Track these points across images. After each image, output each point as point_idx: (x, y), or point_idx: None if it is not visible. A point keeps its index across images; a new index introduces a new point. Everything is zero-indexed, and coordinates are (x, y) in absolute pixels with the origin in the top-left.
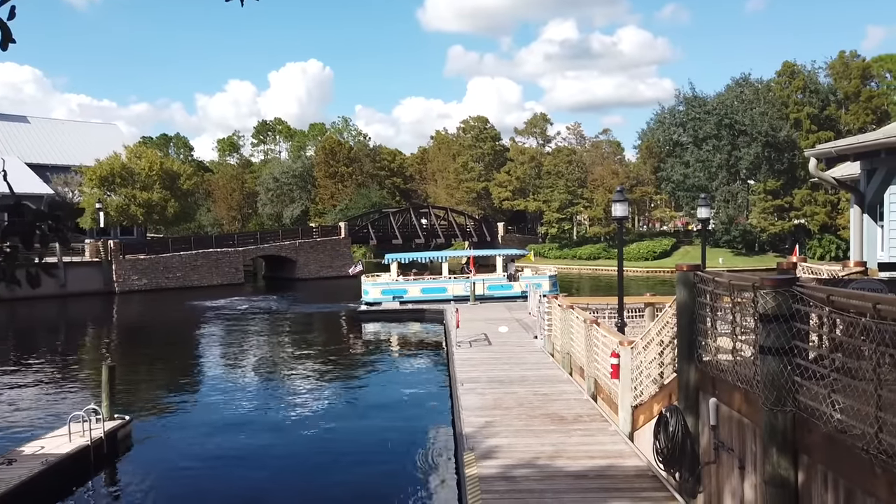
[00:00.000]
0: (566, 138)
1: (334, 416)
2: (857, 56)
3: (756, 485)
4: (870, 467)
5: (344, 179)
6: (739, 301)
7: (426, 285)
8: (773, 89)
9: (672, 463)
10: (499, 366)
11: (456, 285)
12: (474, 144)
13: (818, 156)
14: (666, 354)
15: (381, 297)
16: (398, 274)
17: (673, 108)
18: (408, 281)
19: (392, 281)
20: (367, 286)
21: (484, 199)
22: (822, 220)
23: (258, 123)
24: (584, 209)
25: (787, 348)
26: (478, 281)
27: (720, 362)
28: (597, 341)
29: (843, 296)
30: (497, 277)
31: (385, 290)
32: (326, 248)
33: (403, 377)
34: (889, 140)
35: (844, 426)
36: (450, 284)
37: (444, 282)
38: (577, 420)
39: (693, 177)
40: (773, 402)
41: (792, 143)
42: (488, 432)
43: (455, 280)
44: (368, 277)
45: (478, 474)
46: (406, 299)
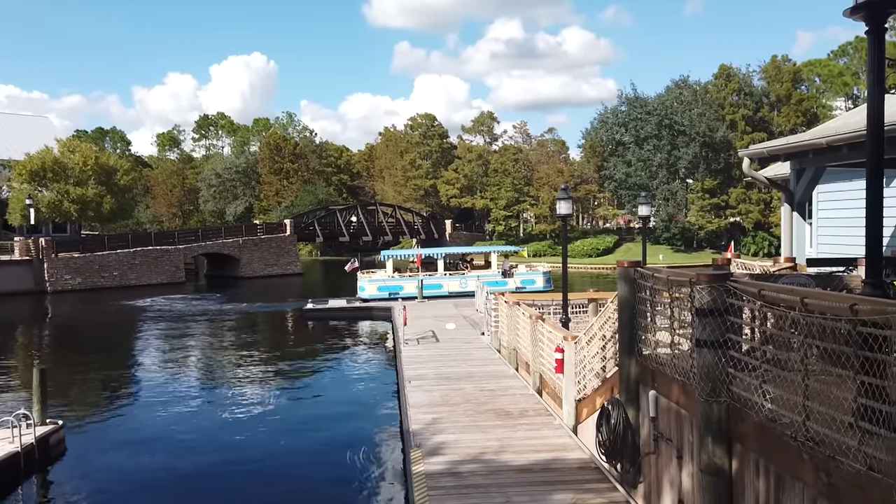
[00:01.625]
0: (513, 137)
1: (278, 416)
2: (789, 60)
3: (693, 473)
4: (798, 453)
5: (289, 176)
6: (677, 296)
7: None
8: (711, 91)
9: (614, 455)
10: (446, 362)
11: (451, 281)
12: (422, 142)
13: (751, 156)
14: (608, 349)
15: (377, 294)
16: (394, 270)
17: (615, 108)
18: (403, 277)
19: (388, 277)
20: (364, 283)
21: (432, 196)
22: (756, 218)
23: (200, 118)
24: (530, 207)
25: (721, 341)
26: (472, 277)
27: (659, 356)
28: (542, 337)
29: (773, 290)
30: (492, 274)
31: (381, 286)
32: (271, 246)
33: (350, 376)
34: (816, 141)
35: (775, 415)
36: (445, 281)
37: (439, 278)
38: (523, 415)
39: (635, 176)
40: (709, 394)
41: (728, 143)
42: (435, 429)
43: (451, 276)
44: (364, 274)
45: (424, 471)
46: (402, 295)
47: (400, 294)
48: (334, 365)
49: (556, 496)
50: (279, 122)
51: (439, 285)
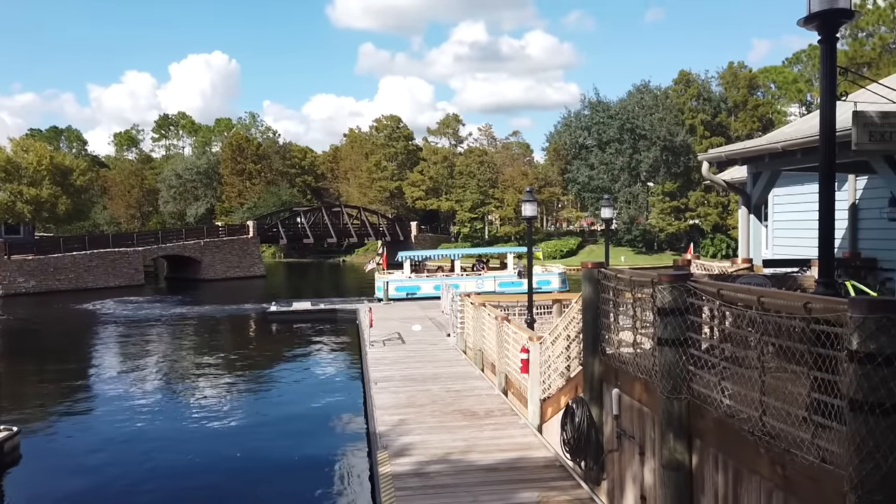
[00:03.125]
0: (478, 139)
1: (240, 420)
2: (745, 67)
3: (655, 469)
4: (755, 448)
5: (252, 177)
6: (639, 296)
7: (438, 282)
8: (671, 96)
9: (578, 452)
10: (412, 364)
11: (468, 282)
12: (387, 143)
13: (710, 160)
14: (572, 348)
15: (395, 294)
16: (411, 271)
17: (579, 112)
18: (420, 277)
19: (405, 277)
20: (381, 283)
21: (397, 198)
22: (715, 221)
23: (159, 117)
24: (495, 209)
25: (682, 339)
26: (489, 278)
27: (622, 354)
28: (507, 337)
29: (731, 290)
30: (508, 274)
31: (399, 286)
32: (234, 248)
33: (315, 379)
34: (772, 146)
35: (733, 411)
36: (462, 281)
37: (456, 278)
38: (489, 415)
39: (597, 178)
40: (670, 391)
41: (687, 147)
42: (402, 430)
43: (467, 277)
44: (382, 274)
45: (391, 472)
46: (419, 296)
47: (417, 294)
48: (298, 368)
49: (521, 494)
50: (242, 122)
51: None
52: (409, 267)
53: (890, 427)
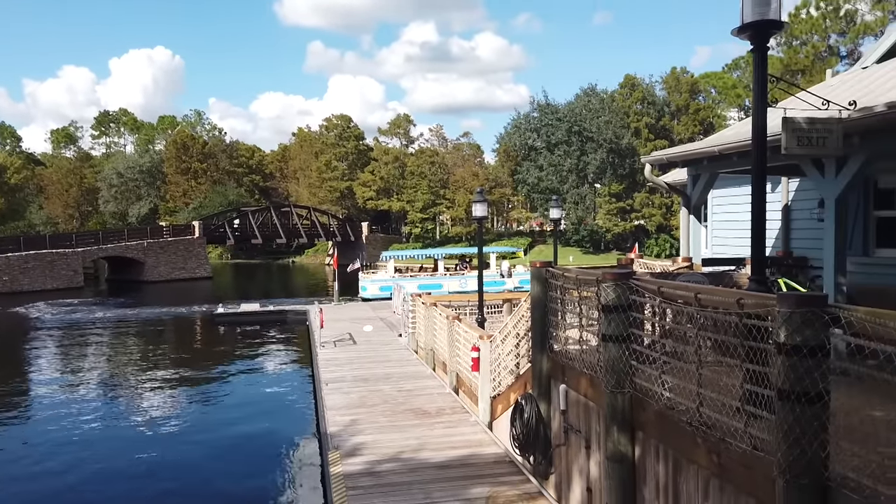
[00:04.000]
0: (429, 140)
1: (187, 426)
2: (687, 72)
3: (600, 462)
4: (692, 438)
5: (198, 176)
6: (585, 294)
7: (422, 281)
8: (617, 100)
9: (527, 447)
10: (364, 364)
11: (451, 281)
12: (338, 143)
13: (653, 162)
14: (522, 346)
15: (379, 293)
16: (395, 270)
17: (528, 114)
18: (404, 277)
19: (389, 277)
20: (366, 282)
21: (348, 198)
22: (659, 221)
23: (99, 114)
24: (446, 209)
25: (625, 336)
26: (472, 277)
27: (569, 351)
28: (458, 336)
29: (670, 287)
30: (492, 274)
31: (382, 286)
32: (179, 249)
33: (264, 381)
34: (709, 149)
35: (672, 403)
36: (445, 280)
37: (439, 278)
38: (440, 413)
39: (546, 180)
40: (614, 385)
41: (633, 149)
42: (353, 430)
43: (451, 276)
44: (366, 274)
45: (343, 472)
46: None
47: None
48: (247, 370)
49: (472, 490)
50: (187, 119)
51: (439, 285)
52: (393, 267)
53: (814, 415)
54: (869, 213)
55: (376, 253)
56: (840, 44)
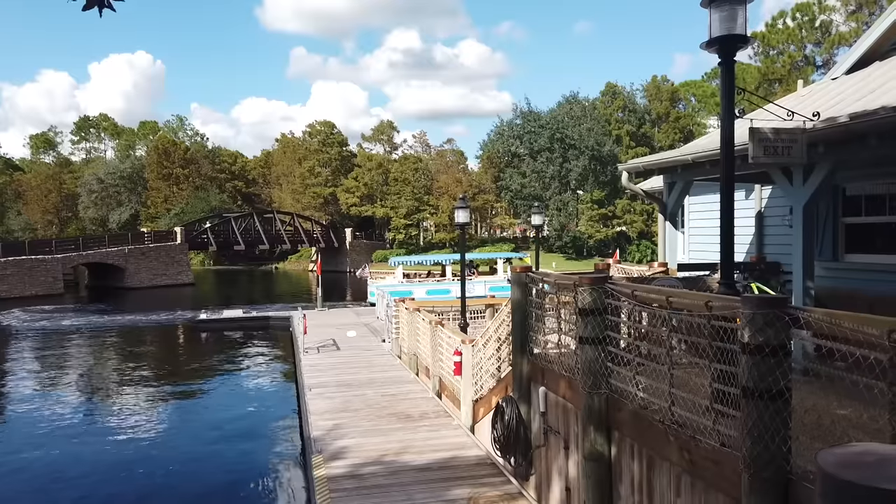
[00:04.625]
0: (412, 146)
1: (173, 430)
2: (668, 81)
3: (578, 461)
4: (665, 436)
5: (179, 182)
6: (564, 299)
7: (431, 287)
8: (598, 107)
9: (508, 449)
10: (347, 370)
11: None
12: (321, 149)
13: (630, 170)
14: (503, 350)
15: None
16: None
17: (511, 121)
18: (412, 283)
19: (398, 283)
20: (374, 288)
21: (331, 204)
22: (640, 228)
23: (79, 119)
24: (430, 216)
25: (601, 338)
26: (479, 283)
27: (548, 354)
28: (441, 341)
29: (644, 291)
30: (499, 279)
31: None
32: (160, 255)
33: (248, 387)
34: (683, 158)
35: (646, 403)
36: (454, 286)
37: (448, 284)
38: (423, 417)
39: (529, 186)
40: (591, 386)
41: (614, 157)
42: (337, 434)
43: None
44: (374, 280)
45: (326, 475)
46: None
47: None
48: (229, 376)
49: (454, 491)
50: (168, 125)
51: (447, 290)
52: (401, 272)
53: (776, 411)
54: (838, 219)
55: (360, 259)
56: (816, 54)
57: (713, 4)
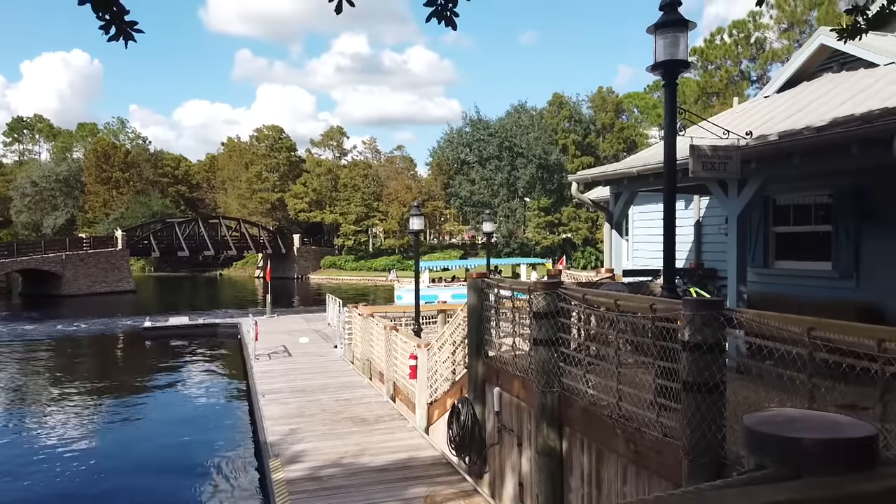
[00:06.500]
0: (362, 152)
1: (117, 443)
2: (612, 92)
3: (531, 457)
4: (613, 430)
5: (119, 186)
6: (518, 303)
7: (455, 291)
8: (545, 117)
9: (463, 448)
10: (300, 376)
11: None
12: (269, 154)
13: (578, 181)
14: (458, 353)
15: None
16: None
17: (460, 128)
18: (438, 286)
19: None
20: (401, 292)
21: (279, 210)
22: (585, 235)
23: (12, 119)
24: (379, 222)
25: (554, 339)
26: None
27: (503, 356)
28: (396, 346)
29: (594, 295)
30: None
31: None
32: (100, 261)
33: (197, 395)
34: (628, 171)
35: (595, 399)
36: None
37: None
38: (379, 420)
39: (478, 194)
40: (544, 385)
41: (560, 165)
42: (293, 439)
43: None
44: (401, 283)
45: (285, 478)
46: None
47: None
48: (177, 386)
49: (411, 490)
50: (108, 127)
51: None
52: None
53: (713, 403)
54: (769, 228)
55: (308, 265)
56: (751, 69)
57: (658, 31)
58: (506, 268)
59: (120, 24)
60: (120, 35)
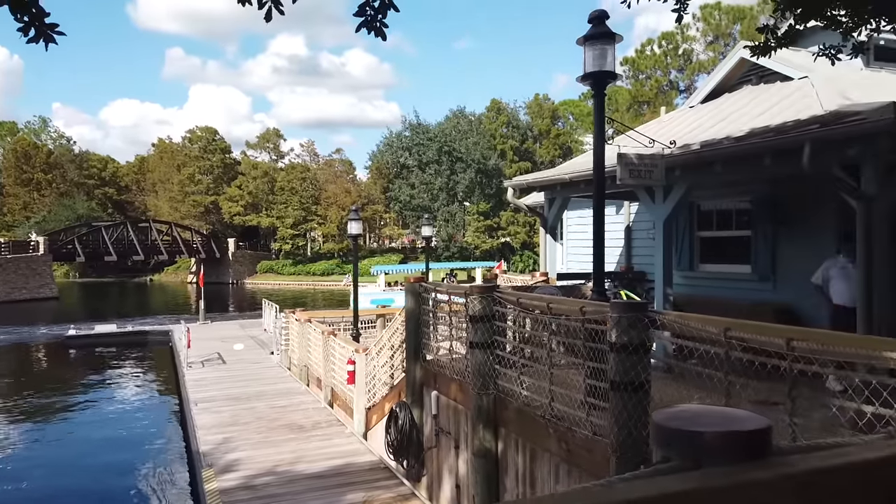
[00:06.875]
0: (300, 155)
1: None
2: (548, 99)
3: (468, 459)
4: (545, 429)
5: (41, 188)
6: (455, 307)
7: None
8: (484, 122)
9: (401, 452)
10: (235, 384)
11: None
12: (202, 156)
13: (514, 186)
14: (396, 357)
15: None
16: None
17: (400, 132)
18: (394, 290)
19: (380, 291)
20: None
21: (213, 213)
22: (523, 239)
23: None
24: (318, 226)
25: (489, 342)
26: None
27: (440, 360)
28: (334, 351)
29: (527, 298)
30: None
31: (374, 299)
32: (20, 267)
33: (125, 405)
34: (561, 177)
35: (529, 400)
36: None
37: None
38: (316, 427)
39: (418, 198)
40: (480, 387)
41: (499, 170)
42: (227, 448)
43: None
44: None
45: (218, 488)
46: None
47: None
48: (104, 396)
49: (349, 496)
50: (30, 126)
51: None
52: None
53: (638, 401)
54: (694, 233)
55: (243, 270)
56: (679, 79)
57: (587, 43)
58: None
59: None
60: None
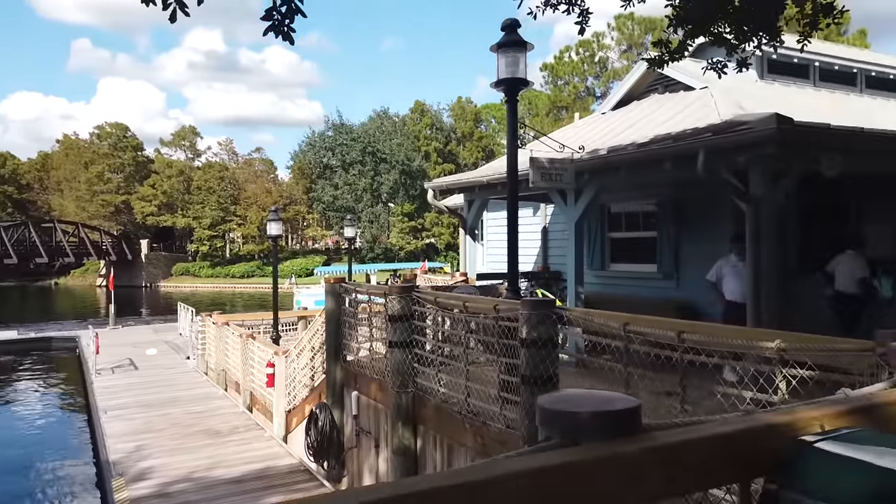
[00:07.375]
0: (217, 154)
1: None
2: (471, 102)
3: (387, 458)
4: (462, 424)
5: None
6: (375, 308)
7: None
8: (408, 124)
9: (321, 454)
10: (148, 390)
11: None
12: (112, 153)
13: (434, 188)
14: (317, 359)
15: (315, 307)
16: None
17: (323, 132)
18: None
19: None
20: (301, 297)
21: (125, 213)
22: (447, 240)
23: None
24: (237, 227)
25: (408, 341)
26: None
27: (360, 360)
28: (253, 355)
29: (445, 297)
30: None
31: (318, 300)
32: None
33: (27, 416)
34: (478, 180)
35: (447, 397)
36: None
37: None
38: (234, 431)
39: (342, 198)
40: (399, 386)
41: (423, 172)
42: (139, 456)
43: None
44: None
45: (129, 497)
46: None
47: None
48: (4, 408)
49: (267, 500)
50: None
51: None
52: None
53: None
54: (605, 234)
55: (158, 272)
56: (596, 86)
57: (500, 50)
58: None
59: None
60: None
